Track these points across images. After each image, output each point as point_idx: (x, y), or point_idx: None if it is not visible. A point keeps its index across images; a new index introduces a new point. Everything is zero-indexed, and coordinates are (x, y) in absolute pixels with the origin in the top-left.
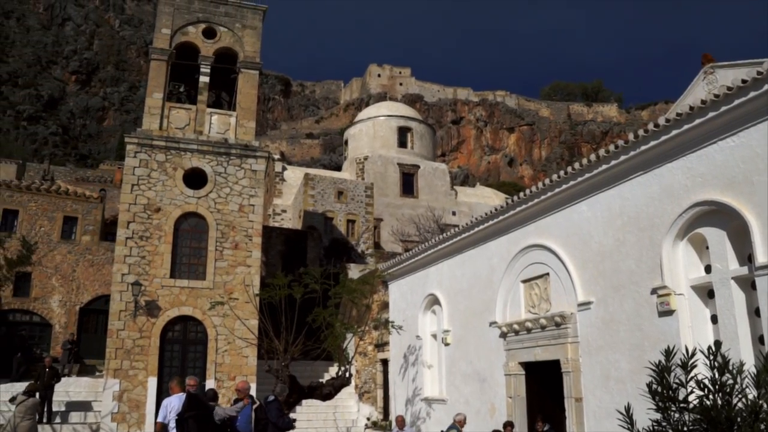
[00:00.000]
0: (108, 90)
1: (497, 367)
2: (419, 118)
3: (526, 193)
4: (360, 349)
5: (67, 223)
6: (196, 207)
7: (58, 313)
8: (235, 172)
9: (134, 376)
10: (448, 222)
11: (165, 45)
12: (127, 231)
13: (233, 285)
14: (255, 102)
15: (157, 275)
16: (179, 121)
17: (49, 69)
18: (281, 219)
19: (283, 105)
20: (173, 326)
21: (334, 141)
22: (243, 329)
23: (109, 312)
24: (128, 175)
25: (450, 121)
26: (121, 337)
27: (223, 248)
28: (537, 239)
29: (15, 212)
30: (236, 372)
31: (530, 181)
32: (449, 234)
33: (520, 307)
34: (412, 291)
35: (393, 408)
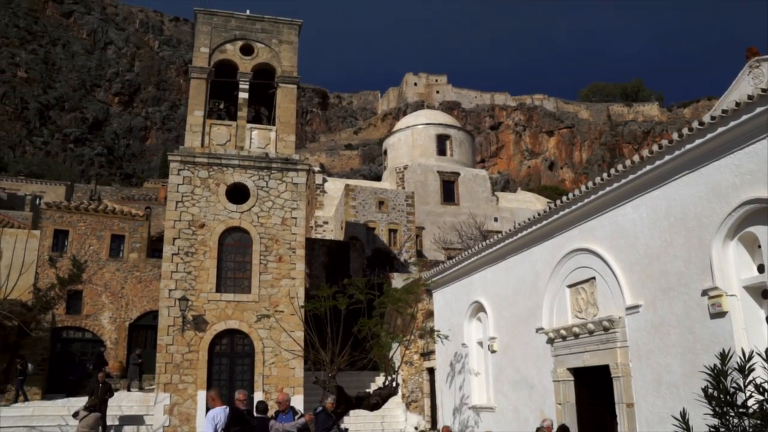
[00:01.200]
0: (150, 110)
1: (545, 373)
2: (457, 125)
3: (569, 197)
4: (406, 359)
5: (114, 242)
6: (240, 221)
7: (108, 330)
8: (277, 185)
9: (184, 389)
10: (490, 228)
11: (204, 63)
12: (173, 247)
13: (278, 297)
14: (294, 116)
15: (204, 290)
16: (220, 137)
17: (93, 92)
18: (323, 231)
19: (321, 117)
20: (221, 340)
21: (373, 151)
22: (289, 341)
23: (158, 327)
24: (172, 192)
25: (488, 126)
26: (170, 352)
27: (267, 261)
28: (582, 243)
29: (65, 232)
30: (283, 384)
31: (571, 185)
32: (492, 240)
33: (567, 312)
34: (456, 299)
35: (440, 416)
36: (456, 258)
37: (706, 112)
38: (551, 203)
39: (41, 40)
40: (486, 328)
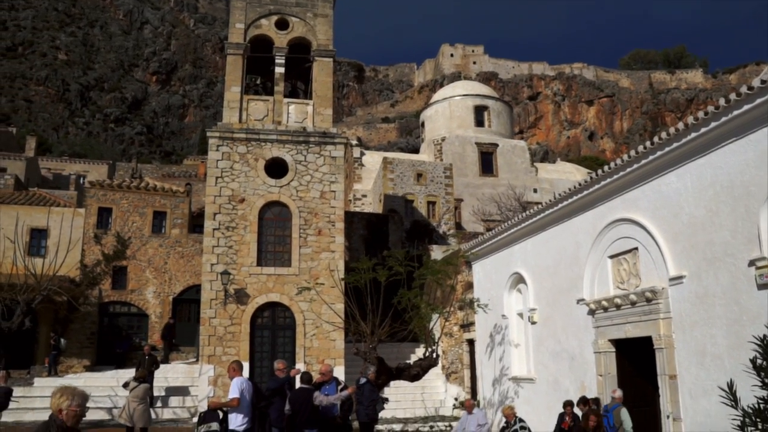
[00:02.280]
0: (187, 88)
1: (586, 344)
2: (495, 96)
3: (611, 166)
4: (446, 330)
5: (156, 218)
6: (279, 196)
7: (153, 304)
8: (315, 159)
9: (227, 361)
10: (529, 199)
11: (240, 39)
12: (213, 222)
13: (318, 270)
14: (331, 89)
15: (245, 264)
16: (258, 112)
17: (131, 72)
18: (362, 204)
19: (358, 91)
20: (262, 312)
21: (410, 124)
22: (330, 313)
23: (201, 301)
24: (212, 168)
25: (526, 97)
26: (213, 325)
27: (306, 235)
28: (624, 213)
29: (109, 210)
30: (324, 355)
31: (612, 155)
32: (533, 211)
33: (608, 283)
34: (496, 270)
35: (480, 388)
36: (495, 229)
37: (754, 77)
38: (592, 173)
39: (79, 22)
40: (526, 299)
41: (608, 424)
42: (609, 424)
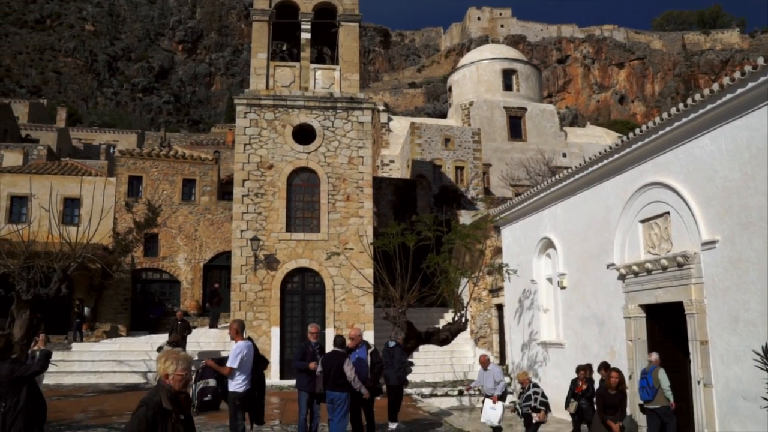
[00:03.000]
0: (213, 56)
1: (616, 309)
2: (523, 59)
3: (643, 129)
4: (474, 295)
5: (186, 186)
6: (307, 162)
7: (184, 270)
8: (343, 125)
9: (258, 326)
10: (558, 164)
11: (265, 5)
12: (242, 189)
13: (347, 236)
14: (357, 54)
15: (274, 230)
16: (284, 79)
17: (157, 41)
18: (389, 169)
19: (384, 56)
20: (292, 278)
21: (437, 89)
22: (359, 278)
23: (231, 267)
24: (240, 135)
25: (555, 60)
26: (244, 290)
27: (335, 201)
28: (655, 177)
29: (139, 178)
30: (354, 320)
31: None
32: (562, 175)
33: (639, 247)
34: (525, 235)
35: (509, 352)
36: (524, 194)
37: None
38: (622, 137)
39: None
40: (555, 264)
41: (647, 385)
42: (648, 385)
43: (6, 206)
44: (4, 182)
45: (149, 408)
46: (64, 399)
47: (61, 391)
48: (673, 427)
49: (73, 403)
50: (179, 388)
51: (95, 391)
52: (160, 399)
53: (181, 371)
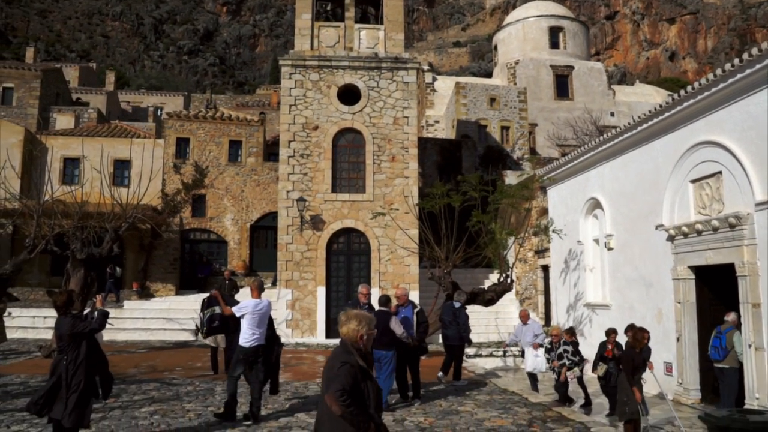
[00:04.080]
0: (257, 17)
1: (664, 271)
2: (571, 16)
3: (695, 87)
4: (520, 256)
5: (232, 147)
6: (352, 122)
7: (231, 231)
8: (387, 85)
9: (304, 286)
10: (606, 123)
11: None
12: (288, 150)
13: (392, 197)
14: (402, 13)
15: (320, 190)
16: (329, 39)
17: (202, 3)
18: (434, 130)
19: (428, 15)
20: (337, 238)
21: (482, 48)
22: (404, 239)
23: (278, 227)
24: (285, 96)
25: (603, 16)
26: (290, 250)
27: (380, 161)
28: (707, 135)
29: (186, 140)
30: (399, 280)
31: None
32: (610, 135)
33: (689, 208)
34: (572, 195)
35: (554, 313)
36: (571, 154)
37: None
38: (673, 95)
39: None
40: (602, 225)
41: (719, 345)
42: (721, 345)
43: (59, 168)
44: (58, 145)
45: (352, 366)
46: (117, 354)
47: (115, 347)
48: (731, 390)
49: (126, 358)
50: (366, 348)
51: (147, 347)
52: (356, 358)
53: (369, 331)
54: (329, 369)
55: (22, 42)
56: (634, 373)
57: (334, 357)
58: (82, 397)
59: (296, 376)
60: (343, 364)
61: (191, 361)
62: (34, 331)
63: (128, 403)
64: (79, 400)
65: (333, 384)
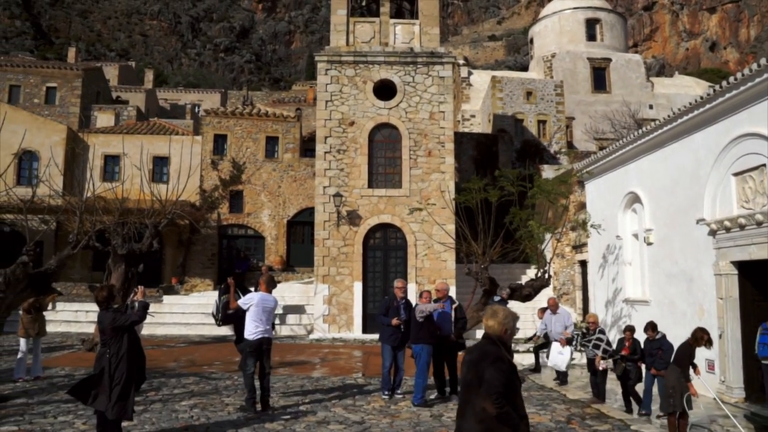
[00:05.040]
0: (292, 14)
1: (706, 266)
2: (608, 8)
3: (738, 77)
4: (557, 251)
5: (269, 143)
6: (388, 118)
7: (268, 226)
8: (423, 80)
9: (341, 281)
10: (645, 116)
11: None
12: (325, 146)
13: (429, 192)
14: (437, 7)
15: (356, 186)
16: (364, 34)
17: (238, 1)
18: (470, 124)
19: (463, 9)
20: (374, 234)
21: (517, 41)
22: (441, 234)
23: (315, 223)
24: (321, 92)
25: (641, 7)
26: (327, 246)
27: (416, 156)
28: (751, 127)
29: (224, 137)
30: (436, 276)
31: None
32: (649, 128)
33: (732, 202)
34: (610, 190)
35: (592, 309)
36: (609, 148)
37: None
38: (714, 86)
39: None
40: (641, 219)
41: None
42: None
43: (100, 165)
44: (98, 142)
45: (504, 362)
46: (157, 348)
47: (154, 341)
48: None
49: (165, 352)
50: (510, 342)
51: (186, 341)
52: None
53: (515, 326)
54: (477, 363)
55: (64, 42)
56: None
57: (482, 352)
58: (124, 390)
59: (333, 371)
60: (495, 360)
61: (230, 356)
62: (77, 325)
63: (168, 396)
64: (122, 392)
65: (489, 385)
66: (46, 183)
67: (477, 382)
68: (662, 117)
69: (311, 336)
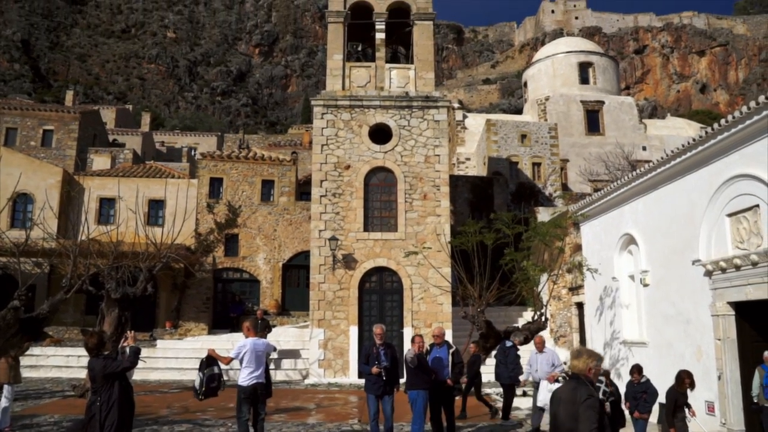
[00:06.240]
0: (289, 58)
1: (702, 307)
2: (600, 51)
3: (729, 119)
4: (554, 293)
5: (265, 186)
6: (384, 161)
7: (264, 270)
8: (418, 123)
9: (336, 325)
10: (638, 158)
11: (340, 7)
12: (320, 189)
13: (424, 235)
14: (432, 53)
15: (352, 229)
16: (360, 79)
17: (235, 45)
18: (465, 167)
19: (457, 53)
20: (370, 277)
21: (512, 84)
22: (437, 277)
23: (310, 266)
24: (317, 136)
25: (632, 51)
26: (323, 290)
27: (412, 200)
28: (743, 169)
29: (220, 180)
30: (432, 319)
31: (726, 108)
32: (643, 170)
33: (727, 243)
34: (605, 231)
35: None
36: (604, 189)
37: None
38: (706, 128)
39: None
40: (637, 260)
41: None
42: None
43: (96, 208)
44: (94, 185)
45: (595, 398)
46: (150, 394)
47: (147, 386)
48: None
49: (158, 398)
50: (595, 380)
51: (179, 387)
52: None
53: (599, 366)
54: (571, 403)
55: (62, 85)
56: (674, 414)
57: (574, 392)
58: None
59: (329, 417)
60: (589, 397)
61: (223, 402)
62: (68, 371)
63: None
64: None
65: (587, 424)
66: (40, 226)
67: (572, 421)
68: (656, 159)
69: (306, 381)
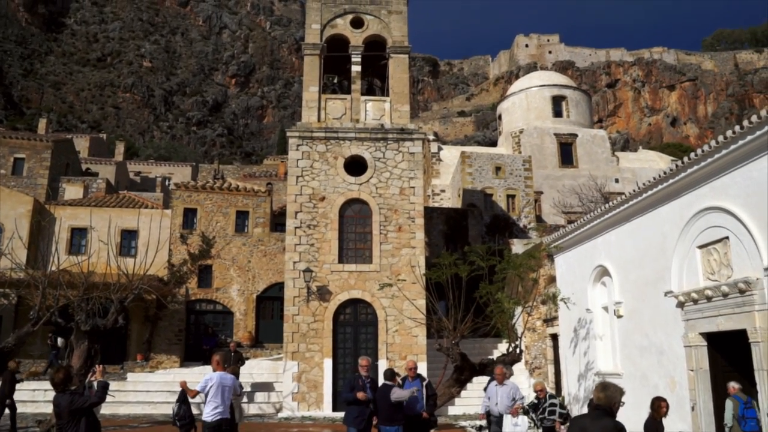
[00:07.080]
0: (265, 89)
1: (675, 338)
2: (573, 85)
3: (699, 153)
4: (529, 325)
5: (239, 217)
6: (359, 193)
7: (237, 302)
8: (394, 156)
9: (311, 358)
10: (611, 190)
11: (316, 40)
12: (295, 221)
13: (399, 267)
14: (407, 85)
15: (326, 261)
16: (336, 111)
17: (211, 76)
18: (440, 199)
19: (433, 85)
20: (344, 309)
21: (486, 117)
22: (411, 309)
23: (284, 298)
24: (292, 167)
25: (605, 85)
26: (297, 322)
27: (387, 231)
28: (713, 201)
29: (194, 210)
30: (407, 351)
31: (696, 141)
32: (616, 202)
33: (698, 274)
34: (579, 263)
35: (565, 383)
36: (577, 222)
37: None
38: (677, 161)
39: (162, 30)
40: (611, 292)
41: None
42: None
43: (67, 238)
44: (66, 215)
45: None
46: (119, 429)
47: (116, 421)
48: None
49: None
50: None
51: (150, 421)
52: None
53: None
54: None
55: (36, 113)
56: None
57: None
58: None
59: None
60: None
61: None
62: (33, 405)
63: None
64: None
65: None
66: (8, 256)
67: None
68: (628, 191)
69: (280, 414)
